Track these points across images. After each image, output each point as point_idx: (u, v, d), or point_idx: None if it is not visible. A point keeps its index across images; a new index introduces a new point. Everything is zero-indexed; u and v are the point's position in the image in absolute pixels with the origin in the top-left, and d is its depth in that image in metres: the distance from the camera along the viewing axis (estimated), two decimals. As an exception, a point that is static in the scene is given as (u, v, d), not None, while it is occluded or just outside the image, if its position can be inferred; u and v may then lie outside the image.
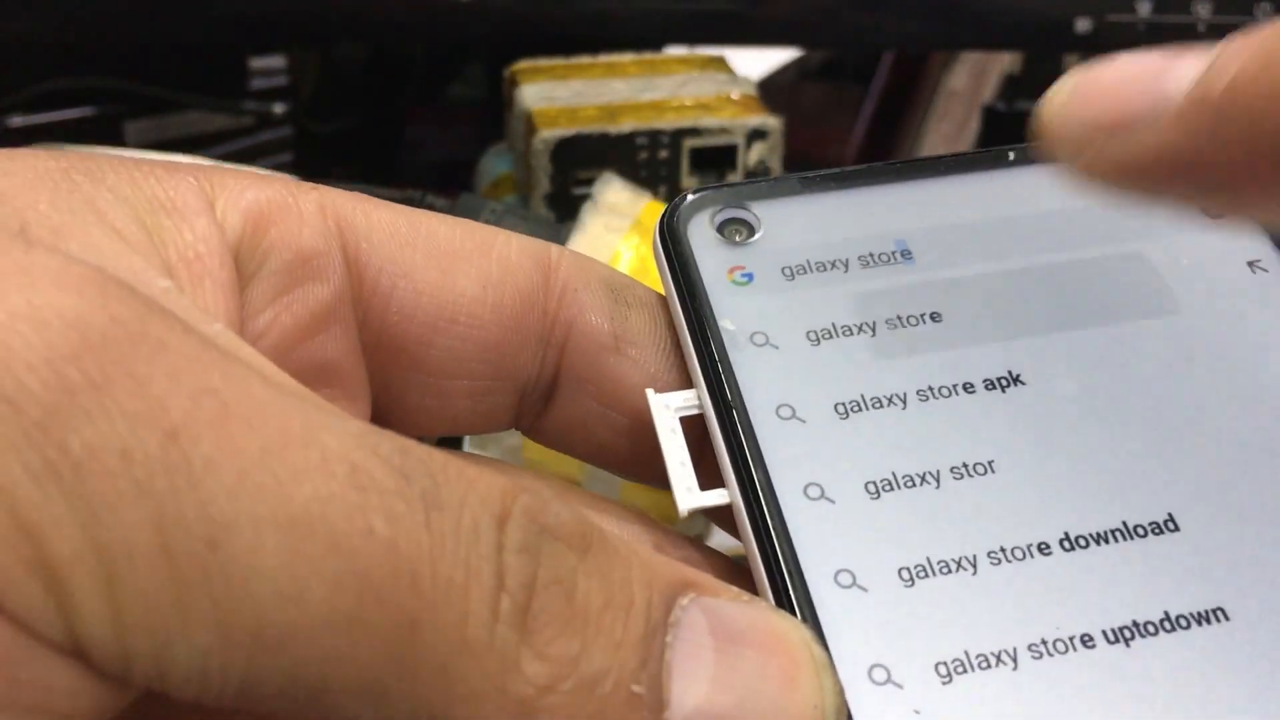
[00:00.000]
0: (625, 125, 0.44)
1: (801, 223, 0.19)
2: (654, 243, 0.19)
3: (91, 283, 0.12)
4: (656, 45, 0.53)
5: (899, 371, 0.17)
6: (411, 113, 0.64)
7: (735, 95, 0.46)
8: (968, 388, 0.17)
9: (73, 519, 0.11)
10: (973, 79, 0.74)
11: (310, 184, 0.17)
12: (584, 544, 0.13)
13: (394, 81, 0.64)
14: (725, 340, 0.17)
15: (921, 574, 0.15)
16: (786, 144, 0.46)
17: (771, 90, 0.50)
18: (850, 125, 0.65)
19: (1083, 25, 0.43)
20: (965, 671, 0.15)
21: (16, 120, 0.53)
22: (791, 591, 0.15)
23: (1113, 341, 0.18)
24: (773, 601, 0.15)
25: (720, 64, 0.50)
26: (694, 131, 0.45)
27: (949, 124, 0.70)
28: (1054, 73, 0.61)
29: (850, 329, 0.18)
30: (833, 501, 0.16)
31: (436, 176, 0.57)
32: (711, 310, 0.18)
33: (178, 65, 0.57)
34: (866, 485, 0.16)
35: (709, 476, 0.17)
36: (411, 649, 0.12)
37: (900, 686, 0.14)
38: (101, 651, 0.12)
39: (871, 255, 0.19)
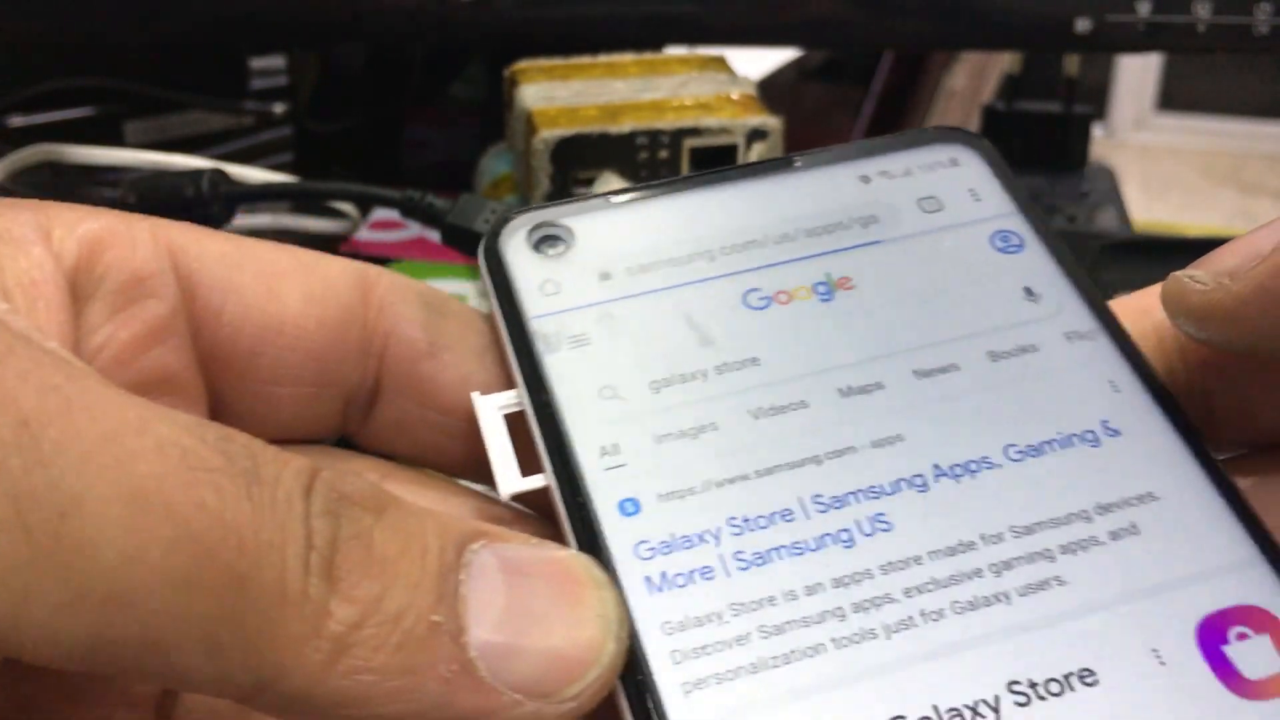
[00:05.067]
0: (625, 125, 0.44)
1: (612, 233, 0.21)
2: (479, 262, 0.21)
3: None
4: (656, 45, 0.53)
5: (699, 355, 0.20)
6: (411, 113, 0.64)
7: (735, 95, 0.46)
8: (754, 361, 0.20)
9: None
10: (973, 79, 0.74)
11: (141, 215, 0.19)
12: (379, 506, 0.15)
13: (394, 81, 0.64)
14: (539, 344, 0.20)
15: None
16: (786, 144, 0.46)
17: (771, 90, 0.50)
18: (850, 125, 0.65)
19: (1083, 25, 0.43)
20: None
21: (16, 120, 0.53)
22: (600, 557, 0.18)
23: (863, 305, 0.21)
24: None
25: (720, 64, 0.50)
26: (694, 131, 0.45)
27: (949, 124, 0.70)
28: (1054, 73, 0.61)
29: (655, 322, 0.20)
30: (625, 464, 0.19)
31: (436, 176, 0.57)
32: (527, 319, 0.20)
33: (178, 65, 0.57)
34: (658, 437, 0.19)
35: (527, 468, 0.19)
36: (240, 602, 0.14)
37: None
38: None
39: (677, 256, 0.21)
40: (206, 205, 0.42)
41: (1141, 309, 0.21)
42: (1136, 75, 2.55)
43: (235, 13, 0.47)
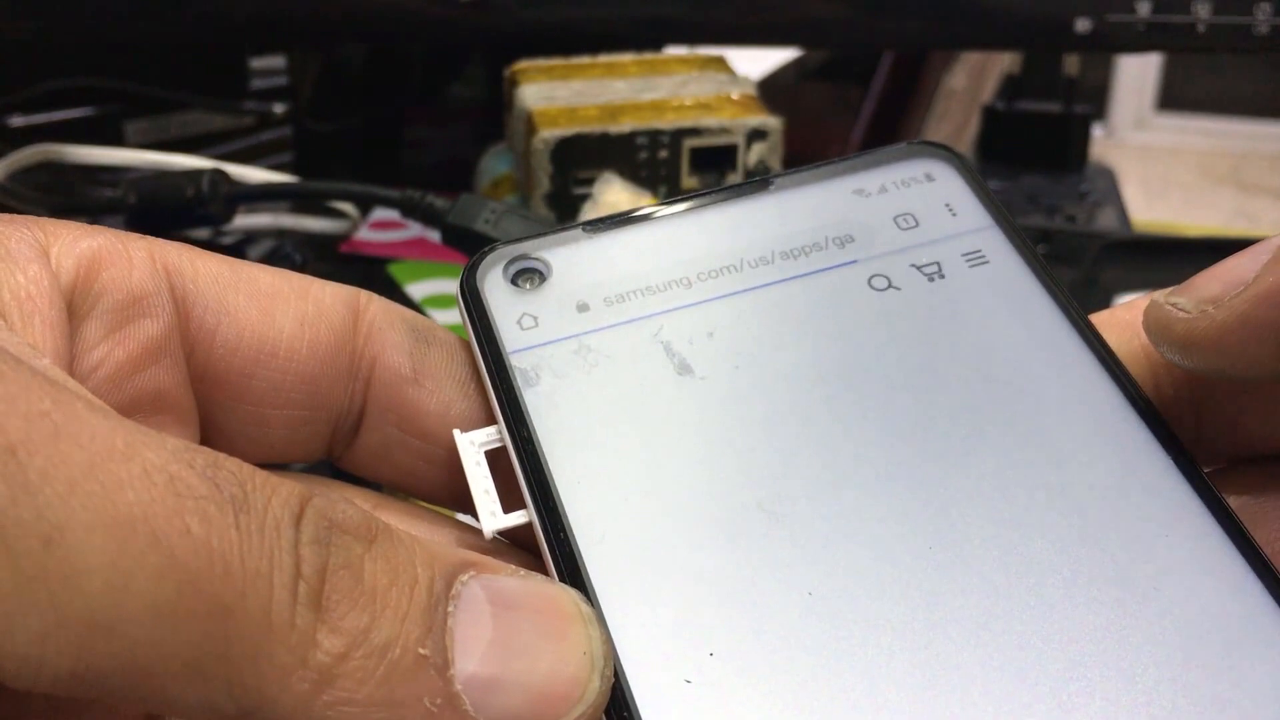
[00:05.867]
0: (625, 125, 0.44)
1: (589, 264, 0.21)
2: (457, 298, 0.21)
3: None
4: (656, 46, 0.53)
5: (678, 383, 0.20)
6: (411, 113, 0.64)
7: (735, 95, 0.46)
8: (733, 387, 0.20)
9: None
10: (973, 79, 0.74)
11: (138, 234, 0.19)
12: (369, 535, 0.15)
13: (394, 81, 0.64)
14: (519, 379, 0.20)
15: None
16: (786, 144, 0.46)
17: (771, 90, 0.50)
18: (850, 125, 0.65)
19: (1083, 25, 0.43)
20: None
21: (17, 120, 0.53)
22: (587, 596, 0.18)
23: (841, 326, 0.21)
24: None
25: (720, 64, 0.50)
26: (694, 131, 0.45)
27: (949, 124, 0.70)
28: (1054, 73, 0.61)
29: (633, 352, 0.20)
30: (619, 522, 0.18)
31: (437, 176, 0.57)
32: (506, 354, 0.20)
33: (178, 65, 0.57)
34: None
35: (509, 502, 0.19)
36: (225, 631, 0.14)
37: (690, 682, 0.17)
38: None
39: (654, 285, 0.21)
40: (207, 205, 0.42)
41: (1127, 322, 0.21)
42: (1136, 75, 2.55)
43: (235, 13, 0.47)
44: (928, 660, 0.17)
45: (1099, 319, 0.21)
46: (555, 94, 0.46)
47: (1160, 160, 2.51)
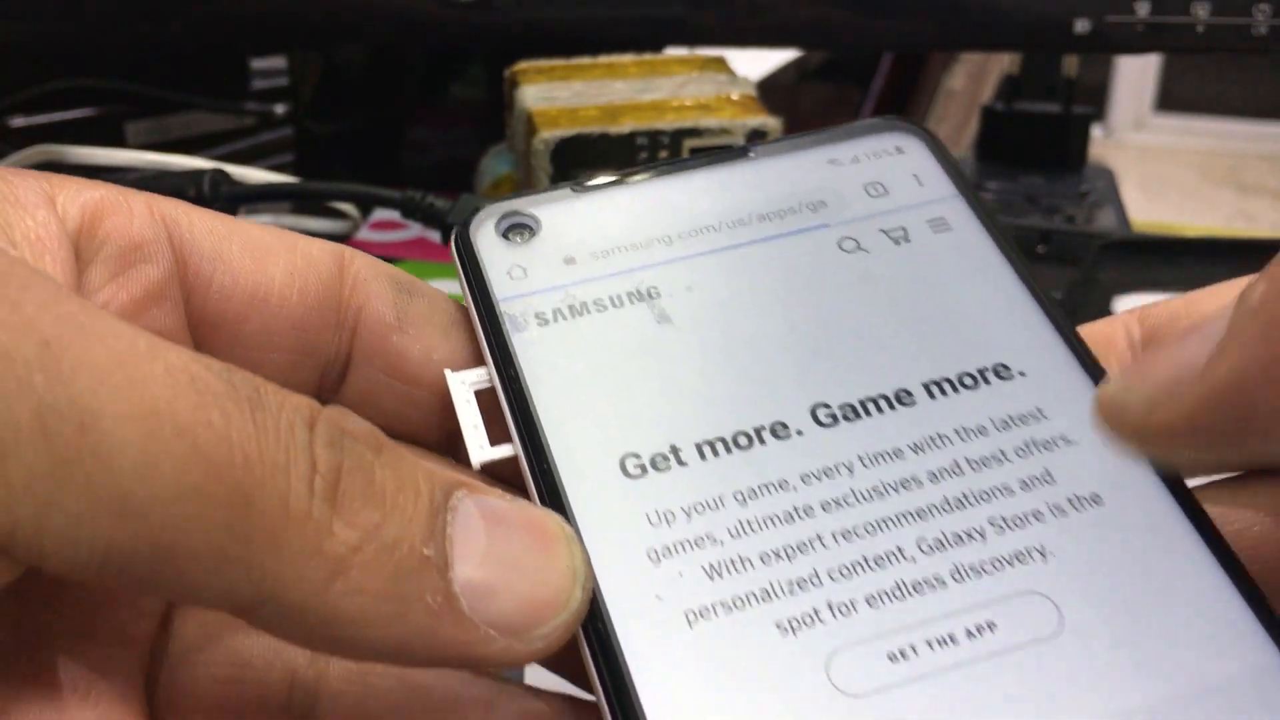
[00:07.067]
0: (625, 126, 0.44)
1: (577, 221, 0.23)
2: (451, 250, 0.23)
3: None
4: (656, 47, 0.53)
5: (656, 332, 0.21)
6: (412, 113, 0.64)
7: (735, 95, 0.47)
8: (707, 334, 0.21)
9: None
10: (972, 79, 0.74)
11: (135, 189, 0.21)
12: (378, 445, 0.17)
13: (395, 82, 0.64)
14: (508, 324, 0.21)
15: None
16: (786, 144, 0.46)
17: (771, 90, 0.50)
18: (850, 126, 0.65)
19: (1082, 26, 0.43)
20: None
21: (18, 120, 0.53)
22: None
23: (811, 283, 0.22)
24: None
25: (720, 64, 0.50)
26: (694, 132, 0.45)
27: (948, 124, 0.71)
28: (1053, 73, 0.60)
29: (616, 302, 0.22)
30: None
31: (437, 177, 0.57)
32: (496, 302, 0.21)
33: (179, 66, 0.57)
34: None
35: (495, 440, 0.21)
36: (245, 518, 0.15)
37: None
38: None
39: (637, 241, 0.22)
40: (208, 205, 0.42)
41: (1108, 338, 0.21)
42: (1135, 76, 2.55)
43: (236, 13, 0.47)
44: (899, 621, 0.18)
45: (1085, 330, 0.22)
46: (555, 95, 0.46)
47: (1159, 161, 2.51)
